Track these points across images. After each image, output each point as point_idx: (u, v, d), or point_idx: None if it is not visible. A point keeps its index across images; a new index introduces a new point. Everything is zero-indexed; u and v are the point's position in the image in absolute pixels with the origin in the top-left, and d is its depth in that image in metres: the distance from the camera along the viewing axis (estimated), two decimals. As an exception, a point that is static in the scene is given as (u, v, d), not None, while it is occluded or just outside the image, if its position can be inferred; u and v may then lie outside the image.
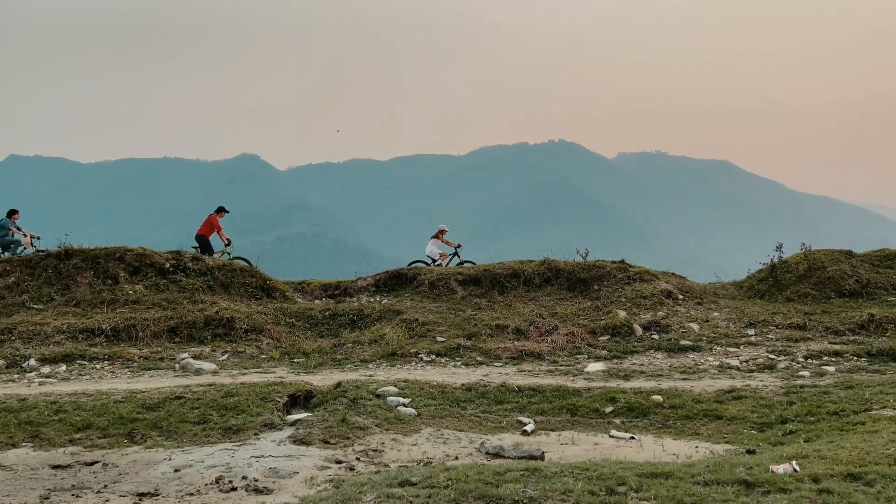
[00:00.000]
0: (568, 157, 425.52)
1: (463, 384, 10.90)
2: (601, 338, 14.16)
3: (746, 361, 12.34)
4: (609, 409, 9.98)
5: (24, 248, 18.03)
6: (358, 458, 7.72)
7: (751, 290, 17.15)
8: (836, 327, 14.09)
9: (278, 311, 15.27)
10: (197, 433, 8.59)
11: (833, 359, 12.29)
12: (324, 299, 16.69)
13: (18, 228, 18.03)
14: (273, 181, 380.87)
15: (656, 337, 14.04)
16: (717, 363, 12.31)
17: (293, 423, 9.07)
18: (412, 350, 13.18)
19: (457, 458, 7.77)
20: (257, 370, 12.13)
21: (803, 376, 11.19)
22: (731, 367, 12.02)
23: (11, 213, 18.29)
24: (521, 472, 5.86)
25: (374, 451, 8.04)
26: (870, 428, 7.81)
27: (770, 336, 13.92)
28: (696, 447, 8.21)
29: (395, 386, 10.54)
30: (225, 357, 13.08)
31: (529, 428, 9.14)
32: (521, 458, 7.50)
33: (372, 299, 16.38)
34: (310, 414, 9.44)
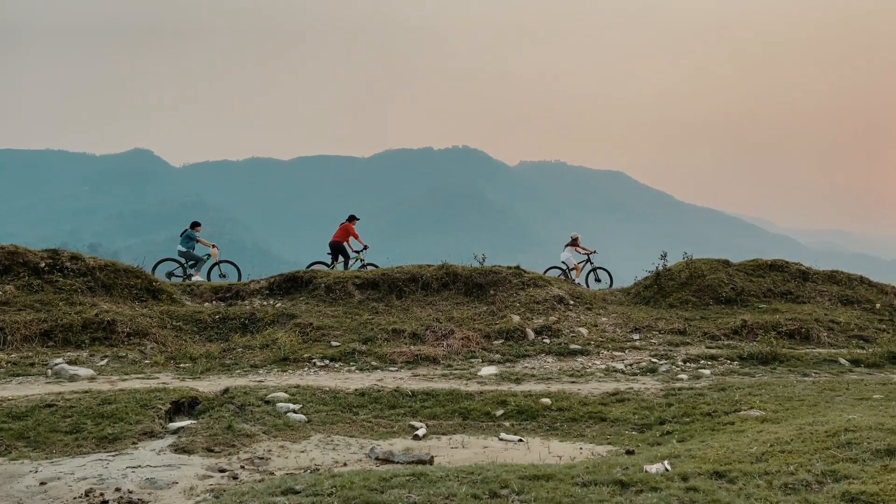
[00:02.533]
0: (471, 163, 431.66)
1: (356, 389, 10.81)
2: (495, 342, 14.39)
3: (631, 365, 12.86)
4: (500, 412, 10.13)
5: (212, 259, 18.67)
6: (242, 467, 7.48)
7: (637, 296, 17.92)
8: (712, 332, 14.94)
9: (164, 314, 14.62)
10: (68, 443, 8.07)
11: (709, 362, 13.00)
12: (214, 302, 16.13)
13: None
14: (167, 178, 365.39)
15: (548, 341, 14.41)
16: (603, 367, 12.76)
17: (175, 432, 8.68)
18: (305, 355, 12.94)
19: (346, 464, 7.68)
20: (139, 376, 11.55)
21: (682, 379, 11.78)
22: (616, 371, 12.49)
23: (195, 225, 18.88)
24: (408, 478, 5.85)
25: (261, 458, 7.82)
26: (738, 428, 8.30)
27: (653, 341, 14.58)
28: (581, 449, 8.46)
29: (286, 392, 10.31)
30: (104, 362, 12.39)
31: (421, 432, 9.15)
32: (410, 462, 7.50)
33: (265, 302, 15.97)
34: (194, 421, 9.07)
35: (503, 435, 9.15)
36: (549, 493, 5.35)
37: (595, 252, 21.25)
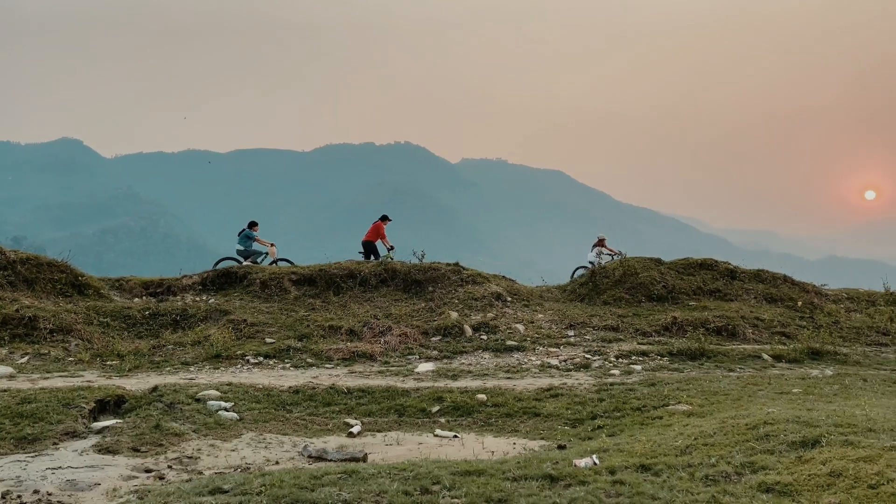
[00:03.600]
0: (413, 159, 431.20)
1: (290, 387, 10.66)
2: (433, 338, 14.42)
3: (565, 361, 13.08)
4: (436, 408, 10.16)
5: (269, 258, 18.89)
6: (170, 466, 7.28)
7: (573, 293, 18.24)
8: (644, 329, 15.33)
9: (91, 310, 14.11)
10: (-16, 445, 7.71)
11: (640, 358, 13.33)
12: (144, 298, 15.66)
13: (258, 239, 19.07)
14: (97, 169, 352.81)
15: (485, 337, 14.52)
16: (538, 363, 12.94)
17: (100, 431, 8.39)
18: (239, 352, 12.70)
19: (277, 462, 7.57)
20: (62, 374, 11.12)
21: (614, 375, 12.04)
22: (551, 367, 12.68)
23: (252, 224, 19.42)
24: (339, 475, 5.80)
25: (189, 458, 7.63)
26: (665, 422, 8.54)
27: (588, 337, 14.87)
28: (514, 444, 8.56)
29: (218, 389, 10.09)
30: (25, 360, 11.87)
31: (356, 430, 9.10)
32: (343, 460, 7.44)
33: (198, 298, 15.59)
34: (120, 421, 8.78)
35: (438, 431, 9.18)
36: (479, 488, 5.40)
37: (621, 253, 21.06)
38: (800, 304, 17.99)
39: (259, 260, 18.97)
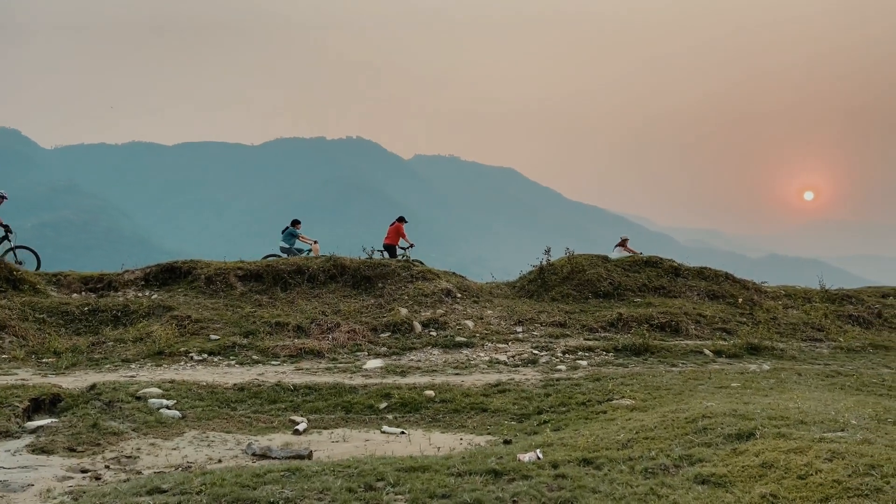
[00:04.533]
0: (365, 154, 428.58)
1: (235, 384, 10.50)
2: (382, 335, 14.37)
3: (513, 357, 13.19)
4: (383, 405, 10.14)
5: (312, 255, 19.11)
6: (107, 466, 7.09)
7: (522, 290, 18.40)
8: (591, 325, 15.56)
9: (26, 306, 13.61)
10: None
11: (586, 353, 13.54)
12: (83, 293, 15.18)
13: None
14: (36, 160, 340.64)
15: (434, 334, 14.54)
16: (487, 358, 13.02)
17: (34, 431, 8.11)
18: (182, 349, 12.43)
19: (220, 461, 7.43)
20: (-5, 372, 10.72)
21: (560, 370, 12.20)
22: (499, 363, 12.77)
23: (295, 222, 20.14)
24: (282, 473, 5.74)
25: (128, 457, 7.44)
26: (609, 416, 8.70)
27: (535, 333, 15.02)
28: (461, 439, 8.60)
29: (160, 387, 9.87)
30: (-45, 358, 11.40)
31: (302, 427, 9.01)
32: (288, 458, 7.36)
33: (140, 294, 15.20)
34: (55, 420, 8.52)
35: (386, 428, 9.16)
36: (424, 484, 5.41)
37: (641, 253, 21.91)
38: (740, 300, 18.51)
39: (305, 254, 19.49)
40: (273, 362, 12.32)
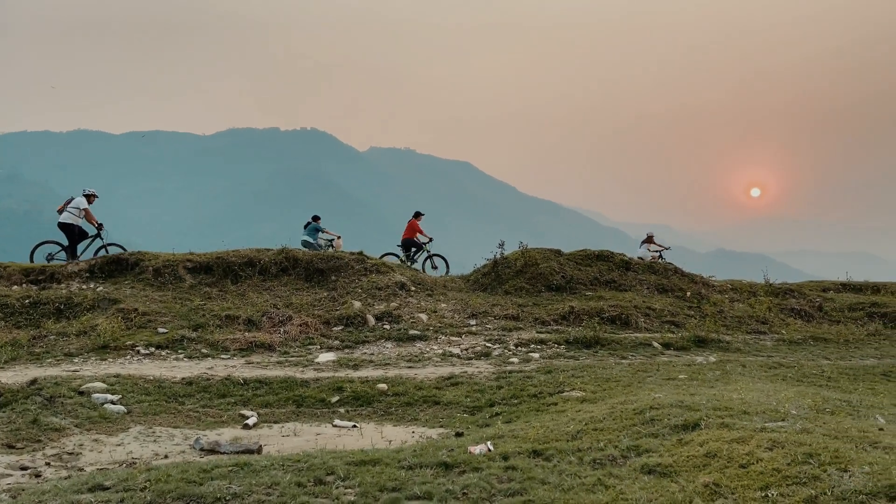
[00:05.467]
0: (320, 146, 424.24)
1: (183, 378, 10.30)
2: (335, 328, 14.25)
3: (466, 349, 13.24)
4: (335, 398, 10.07)
5: (336, 249, 19.04)
6: (48, 463, 6.88)
7: (476, 283, 18.46)
8: (543, 318, 15.71)
9: (-37, 299, 13.11)
10: None
11: (539, 346, 13.67)
12: (24, 285, 14.67)
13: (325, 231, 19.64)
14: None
15: (388, 327, 14.49)
16: (440, 351, 13.04)
17: (-30, 428, 7.82)
18: (128, 342, 12.12)
19: (167, 456, 7.29)
20: (-72, 367, 10.29)
21: (513, 363, 12.29)
22: (452, 356, 12.80)
23: (316, 217, 20.06)
24: (230, 468, 5.65)
25: (70, 454, 7.24)
26: (559, 408, 8.81)
27: (489, 326, 15.10)
28: (413, 432, 8.60)
29: (104, 382, 9.62)
30: None
31: (252, 421, 8.89)
32: (237, 452, 7.26)
33: (85, 286, 14.76)
34: (-7, 416, 8.22)
35: (337, 421, 9.10)
36: (374, 477, 5.39)
37: (669, 248, 23.18)
38: (688, 294, 18.92)
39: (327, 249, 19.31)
40: (223, 356, 12.12)
